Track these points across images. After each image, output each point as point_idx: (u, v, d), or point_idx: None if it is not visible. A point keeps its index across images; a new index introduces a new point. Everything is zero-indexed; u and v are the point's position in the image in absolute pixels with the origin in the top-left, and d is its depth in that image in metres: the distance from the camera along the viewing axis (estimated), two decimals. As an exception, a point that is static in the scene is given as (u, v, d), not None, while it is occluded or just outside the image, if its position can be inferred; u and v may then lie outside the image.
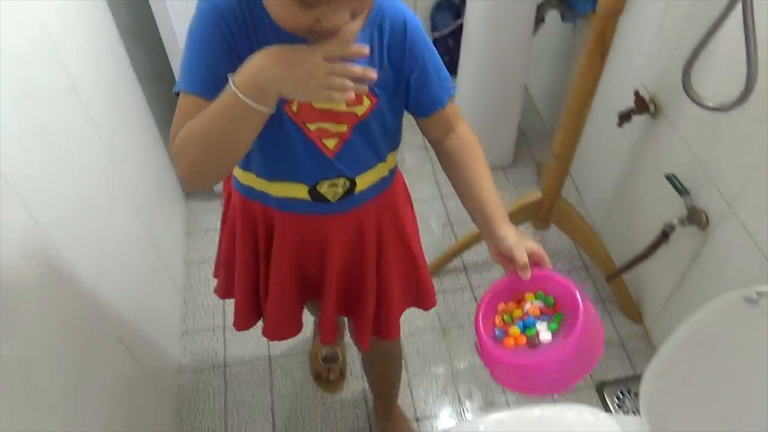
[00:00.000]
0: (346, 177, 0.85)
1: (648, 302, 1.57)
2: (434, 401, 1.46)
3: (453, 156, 0.86)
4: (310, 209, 0.88)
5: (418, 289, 1.06)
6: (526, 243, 0.79)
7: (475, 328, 0.77)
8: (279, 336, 1.07)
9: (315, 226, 0.91)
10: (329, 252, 0.93)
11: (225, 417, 1.44)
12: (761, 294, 0.73)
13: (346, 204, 0.88)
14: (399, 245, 0.99)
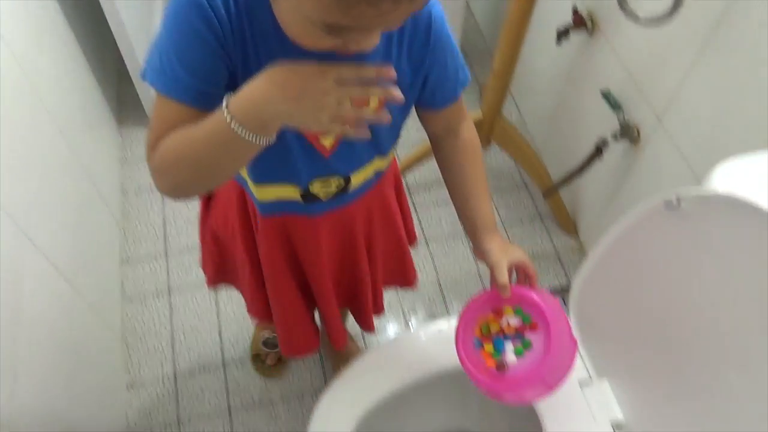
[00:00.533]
0: (340, 175, 0.78)
1: (583, 216, 1.64)
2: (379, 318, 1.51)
3: (450, 158, 0.83)
4: (299, 210, 0.82)
5: (402, 269, 1.07)
6: (512, 257, 0.81)
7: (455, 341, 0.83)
8: (298, 351, 1.04)
9: (303, 228, 0.86)
10: (320, 252, 0.89)
11: (172, 342, 1.45)
12: (681, 198, 0.77)
13: (337, 202, 0.83)
14: (387, 230, 0.97)
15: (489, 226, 0.84)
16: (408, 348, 1.03)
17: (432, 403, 1.12)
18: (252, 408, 1.37)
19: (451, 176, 0.85)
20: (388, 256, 1.00)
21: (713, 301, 0.78)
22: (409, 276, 1.09)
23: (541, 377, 0.78)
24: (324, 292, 0.93)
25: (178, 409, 1.36)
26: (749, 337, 0.74)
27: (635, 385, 0.95)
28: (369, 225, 0.91)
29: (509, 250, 0.83)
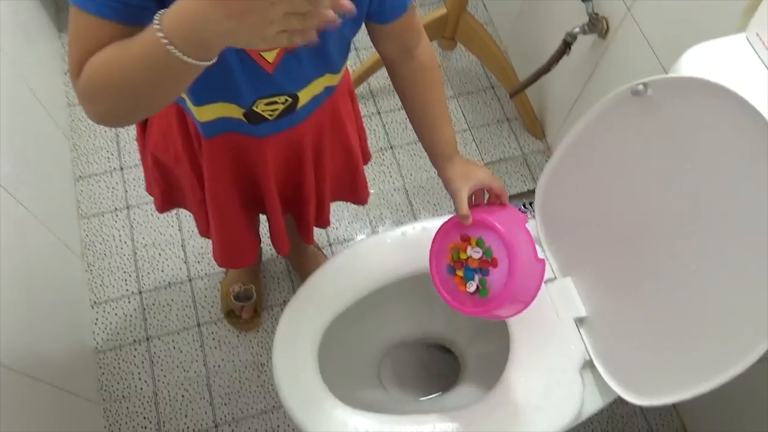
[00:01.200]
0: (287, 93, 0.72)
1: (550, 119, 1.61)
2: (347, 227, 1.49)
3: (407, 83, 0.79)
4: (244, 130, 0.77)
5: (354, 186, 1.02)
6: (474, 181, 0.80)
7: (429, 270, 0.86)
8: (233, 263, 1.01)
9: (250, 149, 0.80)
10: (267, 172, 0.84)
11: (135, 258, 1.42)
12: (648, 84, 0.74)
13: (286, 122, 0.77)
14: (338, 145, 0.92)
15: (448, 153, 0.82)
16: (372, 253, 1.01)
17: (398, 309, 1.12)
18: (221, 320, 1.37)
19: (410, 102, 0.82)
20: (339, 171, 0.97)
21: (678, 190, 0.77)
22: (360, 193, 1.06)
23: (509, 299, 0.80)
24: (271, 207, 0.90)
25: (145, 325, 1.36)
26: (712, 223, 0.74)
27: (598, 282, 0.95)
28: (319, 139, 0.87)
29: (471, 173, 0.81)
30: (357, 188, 1.04)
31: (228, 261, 0.99)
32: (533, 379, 0.92)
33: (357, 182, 1.02)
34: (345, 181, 1.00)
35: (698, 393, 0.76)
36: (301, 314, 0.96)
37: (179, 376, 1.31)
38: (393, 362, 1.18)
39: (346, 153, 0.94)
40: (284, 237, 0.98)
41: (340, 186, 1.01)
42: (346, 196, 1.07)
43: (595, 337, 0.94)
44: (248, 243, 0.98)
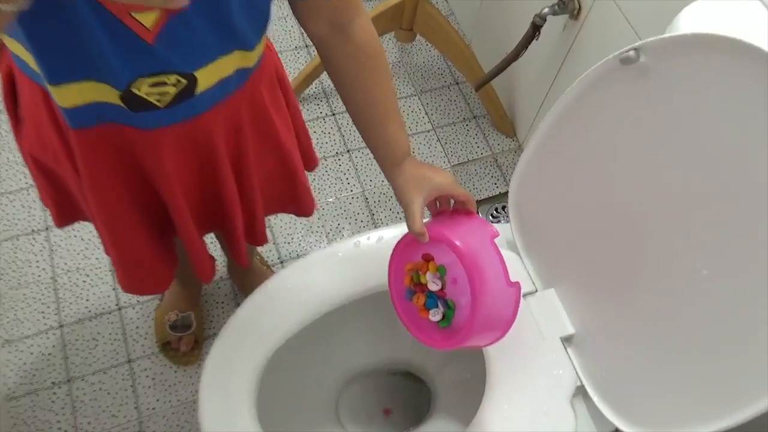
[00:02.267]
0: (178, 72, 0.56)
1: (521, 114, 1.47)
2: (300, 241, 1.33)
3: (343, 70, 0.64)
4: (124, 120, 0.59)
5: (293, 195, 0.86)
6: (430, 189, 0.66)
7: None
8: (139, 288, 0.83)
9: (137, 145, 0.63)
10: (167, 177, 0.67)
11: (54, 286, 1.23)
12: (640, 49, 0.60)
13: (182, 111, 0.61)
14: (265, 147, 0.75)
15: (398, 156, 0.67)
16: (320, 269, 0.85)
17: (355, 334, 0.96)
18: (156, 354, 1.18)
19: (348, 94, 0.66)
20: (272, 178, 0.80)
21: (682, 175, 0.63)
22: (303, 204, 0.89)
23: (478, 330, 0.66)
24: (180, 220, 0.73)
25: (66, 364, 1.17)
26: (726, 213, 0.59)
27: (587, 293, 0.80)
28: (237, 138, 0.70)
29: (425, 180, 0.66)
30: (297, 198, 0.87)
31: (132, 286, 0.81)
32: (516, 411, 0.77)
33: (296, 191, 0.85)
34: (281, 189, 0.83)
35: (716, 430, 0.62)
36: (235, 347, 0.80)
37: (106, 423, 1.12)
38: (353, 396, 1.02)
39: (277, 156, 0.77)
40: (204, 260, 0.81)
41: (277, 196, 0.84)
42: (285, 207, 0.89)
43: (587, 358, 0.79)
44: (157, 265, 0.80)
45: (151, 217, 0.73)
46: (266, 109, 0.71)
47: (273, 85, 0.73)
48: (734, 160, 0.57)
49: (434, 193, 0.68)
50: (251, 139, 0.72)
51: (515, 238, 0.89)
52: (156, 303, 1.22)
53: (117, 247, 0.74)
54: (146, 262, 0.77)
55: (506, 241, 0.92)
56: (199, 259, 0.79)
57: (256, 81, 0.68)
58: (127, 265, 0.77)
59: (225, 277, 1.26)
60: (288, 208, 0.90)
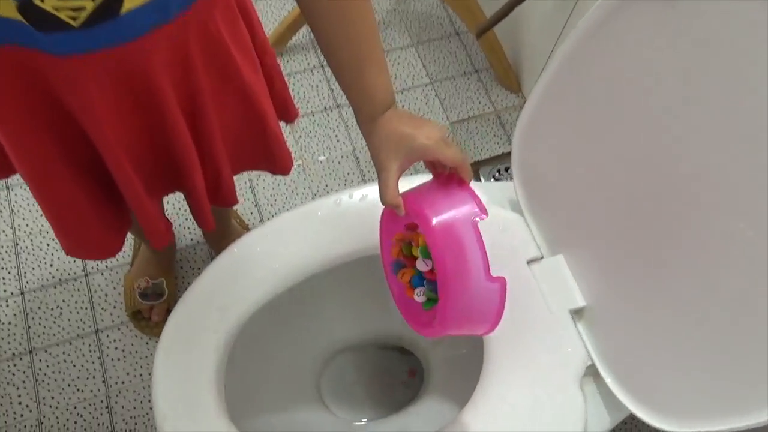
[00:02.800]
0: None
1: (527, 67, 1.35)
2: (284, 202, 1.22)
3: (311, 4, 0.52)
4: (30, 42, 0.48)
5: (265, 148, 0.74)
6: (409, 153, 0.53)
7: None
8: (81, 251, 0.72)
9: (49, 74, 0.51)
10: (94, 116, 0.55)
11: (16, 250, 1.13)
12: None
13: (104, 35, 0.49)
14: (224, 89, 0.63)
15: (374, 109, 0.55)
16: (297, 230, 0.75)
17: (339, 303, 0.86)
18: (126, 324, 1.09)
19: (318, 33, 0.54)
20: (238, 127, 0.68)
21: (711, 121, 0.52)
22: (278, 158, 0.77)
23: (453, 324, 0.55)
24: (118, 174, 0.61)
25: (28, 334, 1.07)
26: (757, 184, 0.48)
27: (600, 259, 0.70)
28: (187, 79, 0.58)
29: (405, 139, 0.54)
30: (270, 151, 0.75)
31: (72, 248, 0.70)
32: (517, 394, 0.67)
33: (267, 143, 0.73)
34: (249, 141, 0.71)
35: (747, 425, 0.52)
36: (197, 318, 0.70)
37: (71, 398, 1.03)
38: (337, 373, 0.92)
39: (241, 100, 0.65)
40: (154, 223, 0.69)
41: (245, 149, 0.72)
42: (256, 162, 0.77)
43: (599, 334, 0.69)
44: (101, 225, 0.69)
45: (88, 168, 0.61)
46: (223, 43, 0.59)
47: (232, 14, 0.61)
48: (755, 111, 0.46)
49: (414, 158, 0.55)
50: (206, 79, 0.60)
51: (519, 198, 0.78)
52: (126, 268, 1.12)
53: (47, 204, 0.63)
54: (87, 223, 0.66)
55: (509, 201, 0.81)
56: (146, 221, 0.68)
57: (206, 6, 0.55)
58: (64, 225, 0.67)
59: (201, 241, 1.16)
60: (260, 164, 0.78)
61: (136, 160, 0.61)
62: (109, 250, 0.72)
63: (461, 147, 0.48)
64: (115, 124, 0.56)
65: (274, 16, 1.41)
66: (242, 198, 1.20)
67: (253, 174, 1.23)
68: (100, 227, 0.68)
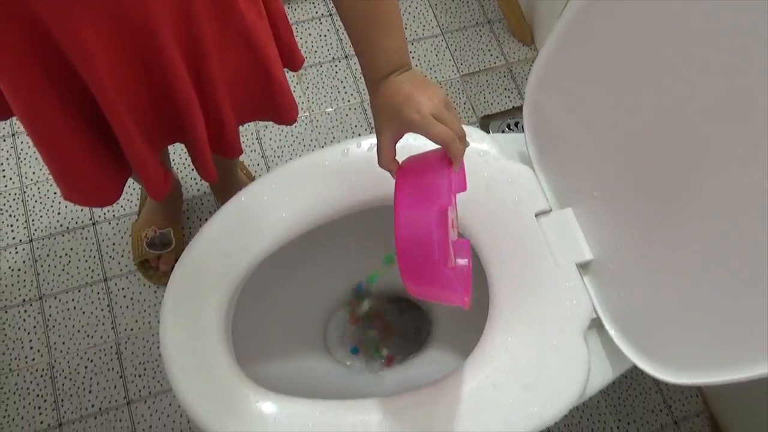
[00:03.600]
0: None
1: (541, 19, 1.31)
2: (290, 153, 1.21)
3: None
4: None
5: (269, 96, 0.71)
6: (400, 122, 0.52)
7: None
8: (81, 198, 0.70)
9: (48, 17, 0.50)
10: (90, 59, 0.54)
11: (23, 198, 1.13)
12: None
13: None
14: (229, 35, 0.61)
15: (378, 71, 0.54)
16: (305, 179, 0.74)
17: (346, 253, 0.86)
18: (134, 272, 1.10)
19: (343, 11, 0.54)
20: (243, 74, 0.66)
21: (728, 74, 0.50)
22: (282, 106, 0.74)
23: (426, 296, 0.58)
24: (115, 121, 0.60)
25: (38, 281, 1.08)
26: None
27: (609, 213, 0.69)
28: (188, 23, 0.57)
29: (395, 111, 0.52)
30: (274, 99, 0.73)
31: (70, 193, 0.69)
32: (521, 345, 0.67)
33: (272, 90, 0.71)
34: (253, 89, 0.70)
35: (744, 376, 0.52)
36: (202, 268, 0.70)
37: (81, 344, 1.05)
38: (343, 323, 0.93)
39: (244, 45, 0.64)
40: (152, 172, 0.68)
41: (248, 97, 0.70)
42: (261, 112, 0.75)
43: (605, 288, 0.69)
44: (101, 172, 0.68)
45: (87, 114, 0.60)
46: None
47: None
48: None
49: (403, 130, 0.54)
50: (208, 24, 0.58)
51: (529, 150, 0.77)
52: (134, 218, 1.12)
53: (45, 149, 0.62)
54: (86, 169, 0.66)
55: (519, 153, 0.80)
56: (144, 171, 0.67)
57: None
58: (63, 171, 0.66)
59: (208, 191, 1.16)
60: (265, 112, 0.77)
61: (134, 108, 0.60)
62: (107, 198, 0.71)
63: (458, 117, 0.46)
64: (113, 71, 0.55)
65: (281, -38, 1.37)
66: (249, 149, 1.19)
67: (260, 125, 1.22)
68: (98, 174, 0.67)
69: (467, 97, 1.29)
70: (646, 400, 1.07)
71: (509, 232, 0.71)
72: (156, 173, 0.69)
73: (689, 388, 1.09)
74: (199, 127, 0.65)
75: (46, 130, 0.60)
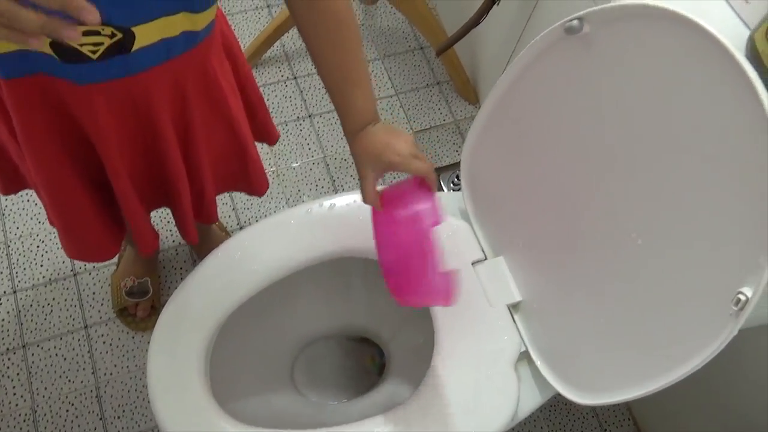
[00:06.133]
0: (114, 25, 0.55)
1: (484, 81, 1.47)
2: (259, 207, 1.32)
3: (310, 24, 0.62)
4: (57, 71, 0.58)
5: (244, 171, 0.84)
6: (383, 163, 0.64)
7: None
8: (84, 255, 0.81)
9: (69, 99, 0.61)
10: (104, 138, 0.65)
11: (7, 252, 1.21)
12: (583, 18, 0.60)
13: (117, 67, 0.59)
14: (214, 118, 0.73)
15: (355, 125, 0.66)
16: (273, 236, 0.85)
17: (310, 300, 0.97)
18: (113, 320, 1.18)
19: (313, 53, 0.64)
20: (223, 152, 0.78)
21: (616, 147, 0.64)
22: (255, 182, 0.87)
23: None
24: (118, 186, 0.71)
25: (21, 330, 1.16)
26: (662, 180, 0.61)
27: (533, 261, 0.82)
28: (183, 109, 0.68)
29: (376, 154, 0.65)
30: (248, 174, 0.85)
31: (78, 253, 0.80)
32: (461, 376, 0.79)
33: (247, 167, 0.84)
34: (232, 166, 0.82)
35: (647, 391, 0.64)
36: (184, 315, 0.80)
37: (63, 388, 1.12)
38: (309, 361, 1.03)
39: (227, 129, 0.76)
40: (144, 231, 0.79)
41: (227, 173, 0.83)
42: (236, 184, 0.88)
43: (532, 324, 0.81)
44: (102, 232, 0.79)
45: (94, 182, 0.71)
46: (216, 80, 0.70)
47: (221, 53, 0.72)
48: (670, 131, 0.58)
49: (387, 169, 0.67)
50: (199, 110, 0.70)
51: (467, 206, 0.90)
52: (112, 269, 1.21)
53: (59, 212, 0.73)
54: (91, 229, 0.76)
55: (459, 210, 0.93)
56: (138, 230, 0.78)
57: (206, 48, 0.66)
58: (71, 231, 0.76)
59: (183, 243, 1.25)
60: (240, 185, 0.89)
61: (134, 177, 0.71)
62: (108, 253, 0.82)
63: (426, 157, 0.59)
64: (120, 144, 0.67)
65: (250, 29, 1.50)
66: (221, 202, 1.30)
67: (231, 180, 1.32)
68: (102, 233, 0.78)
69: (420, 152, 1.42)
70: (584, 423, 1.19)
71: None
72: (148, 233, 0.79)
73: (621, 411, 1.21)
74: (185, 197, 0.77)
75: (61, 194, 0.71)
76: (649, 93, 0.59)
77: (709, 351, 0.55)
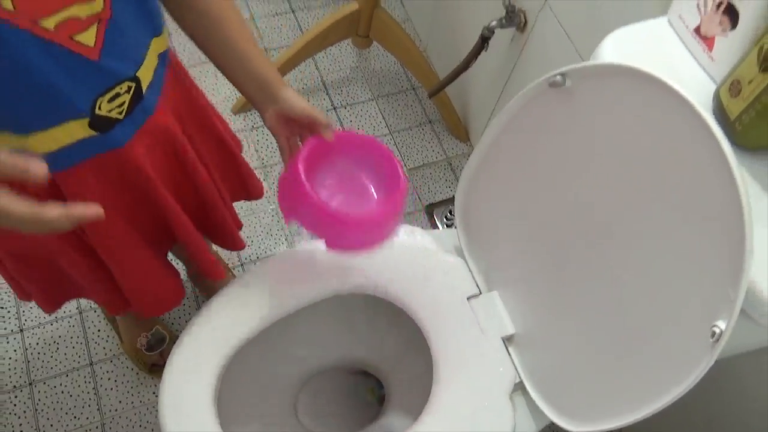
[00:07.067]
0: (126, 79, 0.59)
1: (474, 120, 1.53)
2: (260, 243, 1.36)
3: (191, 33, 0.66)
4: (100, 148, 0.62)
5: (240, 179, 0.90)
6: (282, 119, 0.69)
7: (290, 170, 0.71)
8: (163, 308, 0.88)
9: (116, 165, 0.65)
10: (150, 179, 0.69)
11: (15, 292, 1.24)
12: (566, 74, 0.66)
13: (140, 115, 0.64)
14: (206, 134, 0.79)
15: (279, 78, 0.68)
16: (279, 274, 0.89)
17: (314, 334, 1.01)
18: (117, 357, 1.21)
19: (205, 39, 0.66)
20: (223, 166, 0.84)
21: (605, 187, 0.69)
22: (251, 185, 0.93)
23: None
24: (181, 224, 0.76)
25: (28, 368, 1.18)
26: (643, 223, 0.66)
27: (526, 295, 0.87)
28: (185, 127, 0.74)
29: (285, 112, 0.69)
30: (244, 181, 0.91)
31: (156, 307, 0.85)
32: (459, 407, 0.82)
33: (242, 173, 0.89)
34: (231, 176, 0.88)
35: (637, 418, 0.68)
36: (194, 352, 0.83)
37: (69, 426, 1.15)
38: (312, 394, 1.06)
39: (217, 141, 0.81)
40: (208, 258, 0.85)
41: (230, 183, 0.88)
42: (239, 193, 0.93)
43: (526, 356, 0.86)
44: (167, 278, 0.84)
45: (149, 235, 0.76)
46: (193, 95, 0.75)
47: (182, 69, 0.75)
48: (644, 180, 0.63)
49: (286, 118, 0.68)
50: (195, 127, 0.76)
51: (461, 243, 0.94)
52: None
53: (131, 276, 0.78)
54: (157, 280, 0.81)
55: (454, 246, 0.97)
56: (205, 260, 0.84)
57: (175, 70, 0.71)
58: (145, 288, 0.81)
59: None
60: (241, 193, 0.94)
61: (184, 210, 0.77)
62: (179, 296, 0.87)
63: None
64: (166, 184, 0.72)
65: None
66: (222, 240, 1.34)
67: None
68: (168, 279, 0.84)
69: (414, 188, 1.48)
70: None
71: (446, 314, 0.88)
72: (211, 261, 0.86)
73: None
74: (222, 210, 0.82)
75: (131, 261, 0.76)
76: (625, 144, 0.65)
77: (690, 380, 0.60)
